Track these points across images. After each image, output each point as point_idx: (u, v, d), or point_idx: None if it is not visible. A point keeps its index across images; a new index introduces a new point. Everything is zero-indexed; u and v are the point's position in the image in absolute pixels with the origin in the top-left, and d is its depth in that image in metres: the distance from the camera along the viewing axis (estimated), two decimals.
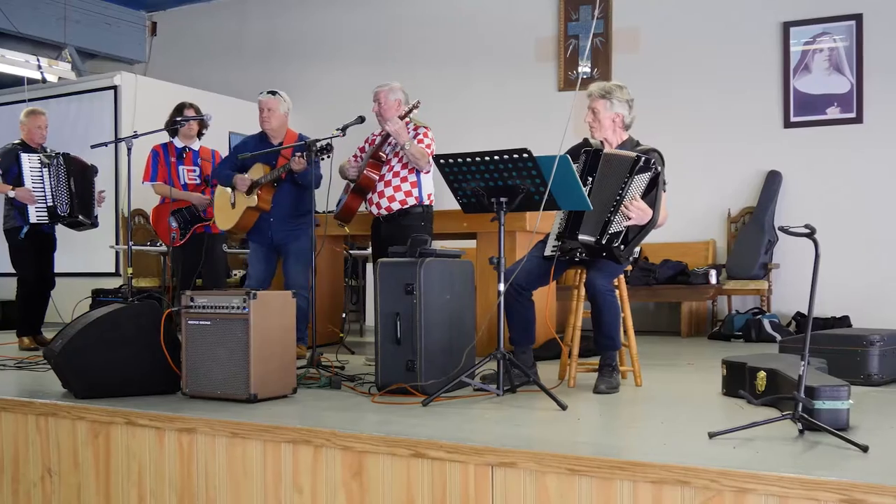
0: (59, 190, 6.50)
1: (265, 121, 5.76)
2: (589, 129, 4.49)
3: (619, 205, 4.14)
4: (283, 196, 5.72)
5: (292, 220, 5.72)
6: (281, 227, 5.73)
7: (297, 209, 5.72)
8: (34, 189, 6.43)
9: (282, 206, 5.72)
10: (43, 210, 6.45)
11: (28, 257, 6.54)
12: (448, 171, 4.00)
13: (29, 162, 6.45)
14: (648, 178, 4.17)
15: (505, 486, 2.87)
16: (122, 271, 8.91)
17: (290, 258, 5.74)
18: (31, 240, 6.51)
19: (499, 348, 3.93)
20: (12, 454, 4.06)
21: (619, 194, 4.15)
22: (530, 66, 9.06)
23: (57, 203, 6.49)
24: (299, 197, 5.71)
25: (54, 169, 6.49)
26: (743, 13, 8.13)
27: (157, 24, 11.47)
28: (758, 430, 3.02)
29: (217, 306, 3.96)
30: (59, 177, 6.50)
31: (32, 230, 6.48)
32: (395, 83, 5.56)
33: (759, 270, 7.71)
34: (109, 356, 4.06)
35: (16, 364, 5.36)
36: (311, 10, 10.37)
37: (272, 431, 3.34)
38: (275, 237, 5.75)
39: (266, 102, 5.76)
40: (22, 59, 8.71)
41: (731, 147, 8.14)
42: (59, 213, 6.49)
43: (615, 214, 4.15)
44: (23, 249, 6.53)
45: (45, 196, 6.47)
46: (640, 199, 4.15)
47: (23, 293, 6.58)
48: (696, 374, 5.07)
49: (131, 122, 8.67)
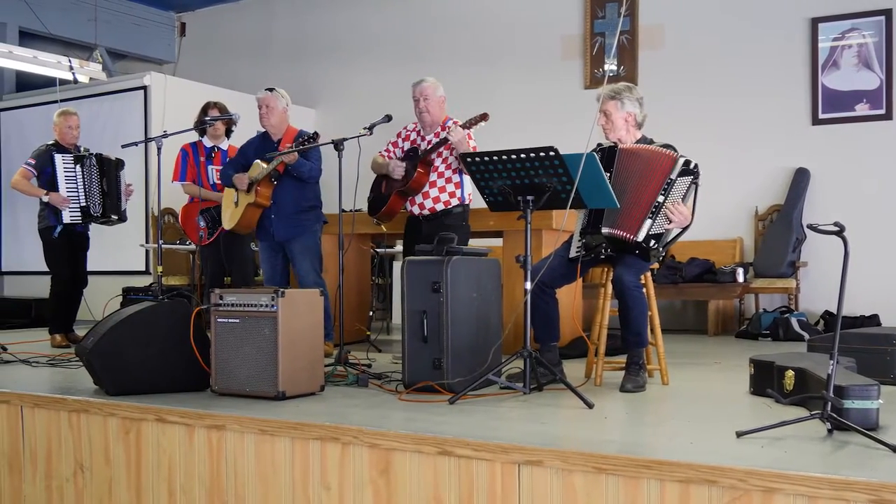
0: (91, 190, 6.57)
1: (264, 117, 5.78)
2: (602, 131, 4.48)
3: (662, 206, 4.15)
4: (283, 192, 5.71)
5: (294, 216, 5.72)
6: (282, 224, 5.72)
7: (298, 205, 5.72)
8: (67, 188, 6.51)
9: (283, 202, 5.71)
10: (76, 210, 6.53)
11: (61, 256, 6.62)
12: (475, 169, 4.02)
13: (63, 162, 6.53)
14: (689, 182, 4.18)
15: (531, 484, 2.88)
16: (152, 269, 9.00)
17: (296, 257, 5.73)
18: (65, 239, 6.59)
19: (525, 346, 3.94)
20: (45, 450, 4.12)
21: (662, 195, 4.15)
22: (556, 64, 9.05)
23: (90, 203, 6.57)
24: (301, 192, 5.71)
25: (87, 169, 6.57)
26: (770, 9, 8.07)
27: (186, 24, 11.56)
28: (786, 429, 3.00)
29: (246, 304, 4.00)
30: (91, 177, 6.58)
31: (65, 230, 6.56)
32: (433, 79, 5.55)
33: (787, 269, 7.65)
34: (140, 353, 4.11)
35: (48, 361, 5.43)
36: (338, 9, 10.42)
37: (300, 429, 3.37)
38: (277, 234, 5.75)
39: (264, 99, 5.79)
40: (54, 60, 8.80)
41: (758, 144, 8.08)
42: (91, 212, 6.58)
43: (657, 215, 4.15)
44: (56, 248, 6.60)
45: (77, 196, 6.54)
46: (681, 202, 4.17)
47: (56, 291, 6.66)
48: (723, 372, 5.05)
49: (161, 121, 8.74)
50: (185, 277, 8.69)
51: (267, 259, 5.85)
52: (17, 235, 10.21)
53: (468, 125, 5.32)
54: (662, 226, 4.19)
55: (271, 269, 5.83)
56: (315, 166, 5.68)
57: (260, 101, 5.80)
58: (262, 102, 5.78)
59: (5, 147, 10.43)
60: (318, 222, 5.82)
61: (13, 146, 10.23)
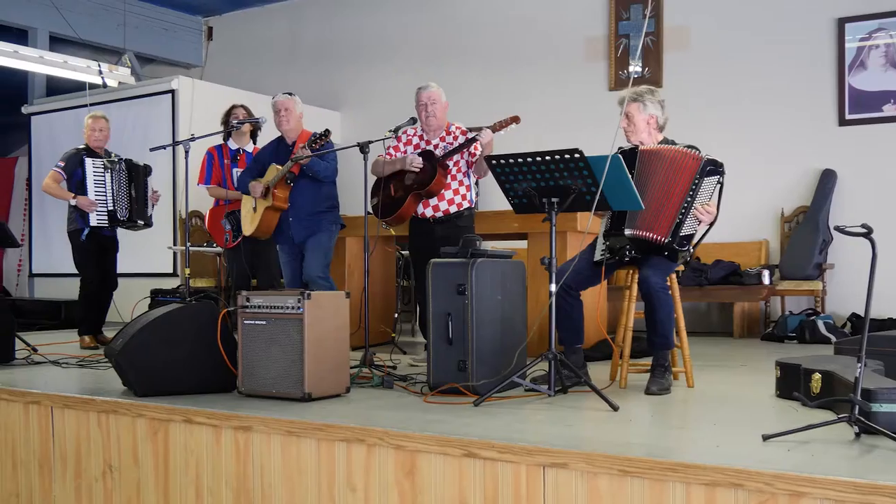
0: (119, 195, 6.63)
1: (283, 121, 5.80)
2: (624, 134, 4.48)
3: (690, 208, 4.15)
4: (299, 193, 5.72)
5: (311, 217, 5.72)
6: (299, 225, 5.74)
7: (315, 205, 5.73)
8: (96, 192, 6.58)
9: (299, 204, 5.73)
10: (103, 214, 6.59)
11: (89, 259, 6.68)
12: (500, 171, 4.03)
13: (93, 166, 6.59)
14: (716, 182, 4.19)
15: (556, 486, 2.88)
16: (179, 272, 9.07)
17: (307, 251, 5.75)
18: (93, 242, 6.65)
19: (550, 348, 3.94)
20: (74, 450, 4.17)
21: (689, 196, 4.15)
22: (580, 66, 9.04)
23: (117, 207, 6.63)
24: (317, 193, 5.72)
25: (116, 174, 6.63)
26: (796, 9, 8.02)
27: (213, 28, 11.66)
28: (813, 432, 2.99)
29: (272, 306, 4.03)
30: (120, 182, 6.64)
31: (93, 232, 6.62)
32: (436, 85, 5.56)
33: (814, 271, 7.59)
34: (168, 355, 4.15)
35: (78, 362, 5.49)
36: (363, 13, 10.47)
37: (326, 430, 3.39)
38: (295, 236, 5.76)
39: (283, 103, 5.81)
40: (83, 64, 8.90)
41: (784, 146, 8.04)
42: (118, 217, 6.63)
43: (686, 216, 4.16)
44: (84, 251, 6.67)
45: (105, 200, 6.61)
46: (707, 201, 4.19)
47: (84, 293, 6.73)
48: (749, 375, 5.02)
49: (188, 125, 8.83)
50: (212, 280, 8.75)
51: (287, 263, 5.88)
52: (46, 238, 10.34)
53: (498, 127, 5.33)
54: (693, 226, 4.20)
55: (292, 273, 5.86)
56: (330, 166, 5.69)
57: (279, 104, 5.82)
58: (281, 106, 5.81)
59: (35, 150, 10.56)
60: (334, 223, 5.82)
61: (43, 150, 10.35)
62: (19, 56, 8.50)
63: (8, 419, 4.42)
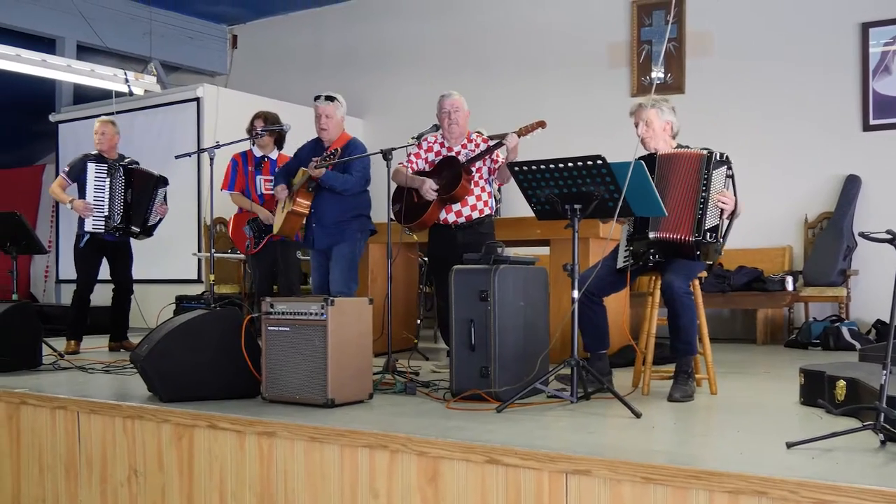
0: (116, 200, 6.62)
1: (323, 129, 5.67)
2: (642, 141, 4.47)
3: (707, 201, 4.17)
4: (324, 201, 5.65)
5: (335, 226, 5.65)
6: (323, 233, 5.67)
7: (340, 214, 5.64)
8: (95, 197, 6.57)
9: (324, 212, 5.66)
10: (100, 220, 6.58)
11: (81, 264, 6.71)
12: (522, 178, 4.03)
13: (95, 171, 6.61)
14: (724, 173, 4.22)
15: (579, 493, 2.88)
16: (204, 278, 9.13)
17: (331, 262, 5.68)
18: (93, 248, 6.66)
19: (572, 355, 3.94)
20: (100, 455, 4.21)
21: (703, 191, 4.17)
22: (603, 72, 9.04)
23: (112, 213, 6.62)
24: (343, 202, 5.62)
25: (115, 180, 6.63)
26: (820, 14, 7.98)
27: (238, 36, 11.75)
28: (837, 440, 2.97)
29: (296, 312, 4.05)
30: (118, 188, 6.63)
31: (93, 239, 6.63)
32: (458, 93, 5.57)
33: (838, 277, 7.54)
34: (193, 361, 4.18)
35: (104, 368, 5.55)
36: (386, 20, 10.51)
37: (349, 436, 3.40)
38: (317, 242, 5.71)
39: (324, 109, 5.66)
40: (110, 73, 8.99)
41: (807, 151, 7.99)
42: (111, 222, 6.61)
43: (706, 209, 4.17)
44: (78, 256, 6.71)
45: (103, 205, 6.60)
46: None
47: (73, 298, 6.77)
48: (773, 382, 4.99)
49: (213, 132, 8.89)
50: (236, 286, 8.81)
51: (315, 267, 5.86)
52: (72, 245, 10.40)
53: (524, 132, 5.34)
54: (716, 217, 4.21)
55: (320, 278, 5.83)
56: (351, 179, 5.56)
57: (320, 110, 5.66)
58: (322, 112, 5.65)
59: (63, 158, 10.63)
60: (361, 232, 5.72)
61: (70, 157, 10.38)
62: (47, 65, 8.61)
63: (35, 424, 4.47)
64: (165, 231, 6.99)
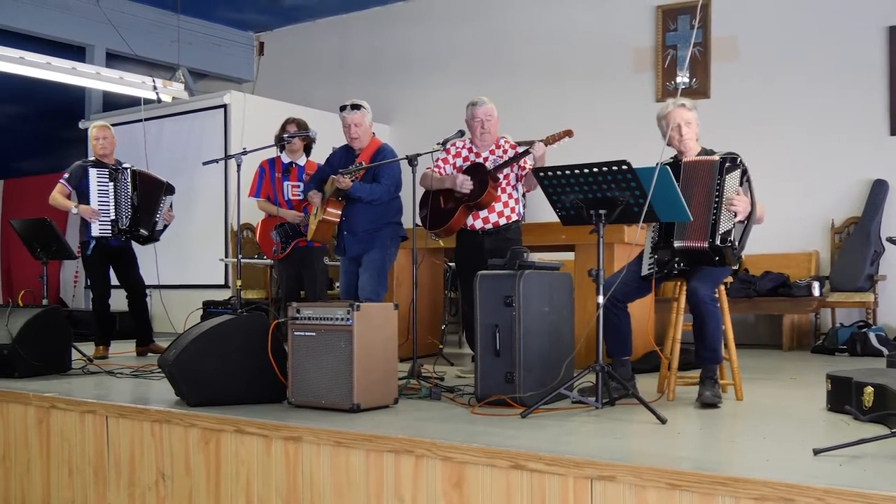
0: (122, 204, 6.64)
1: (355, 138, 5.69)
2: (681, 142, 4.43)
3: (721, 204, 4.15)
4: (355, 210, 5.67)
5: (365, 234, 5.67)
6: (354, 240, 5.71)
7: (370, 222, 5.66)
8: (99, 201, 6.59)
9: (355, 220, 5.68)
10: (107, 223, 6.61)
11: (93, 272, 6.79)
12: (547, 183, 4.04)
13: (97, 176, 6.64)
14: (739, 175, 4.19)
15: (604, 499, 2.88)
16: (230, 283, 9.18)
17: (361, 269, 5.70)
18: (101, 254, 6.71)
19: (597, 360, 3.93)
20: (128, 459, 4.26)
21: (717, 196, 4.16)
22: (628, 77, 9.02)
23: (118, 216, 6.65)
24: (373, 210, 5.64)
25: (119, 183, 6.65)
26: (846, 18, 7.93)
27: (265, 43, 11.84)
28: (865, 447, 2.95)
29: (322, 318, 4.07)
30: (124, 190, 6.66)
31: (99, 245, 6.66)
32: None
33: (865, 282, 7.47)
34: (220, 365, 4.22)
35: (132, 372, 5.60)
36: (411, 26, 10.55)
37: (374, 441, 3.42)
38: (349, 250, 5.74)
39: (353, 118, 5.65)
40: (139, 80, 9.09)
41: (834, 156, 7.93)
42: (119, 226, 6.64)
43: (720, 213, 4.16)
44: (88, 265, 6.79)
45: (108, 209, 6.63)
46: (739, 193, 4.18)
47: (94, 305, 6.82)
48: (799, 388, 4.96)
49: (240, 139, 8.94)
50: (262, 291, 8.86)
51: (345, 272, 5.88)
52: None
53: (551, 141, 5.34)
54: (730, 221, 4.17)
55: (348, 282, 5.85)
56: (379, 188, 5.58)
57: (347, 120, 5.66)
58: (351, 122, 5.66)
59: None
60: (391, 239, 5.74)
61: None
62: (77, 72, 8.72)
63: (64, 427, 4.53)
64: (192, 237, 7.05)
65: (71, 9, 10.00)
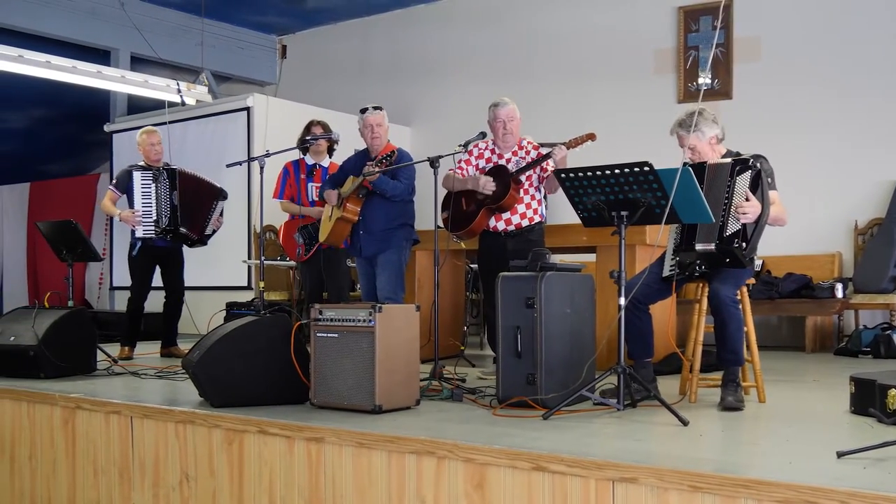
0: (163, 203, 6.70)
1: (376, 137, 5.74)
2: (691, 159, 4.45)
3: (729, 207, 4.15)
4: (372, 209, 5.72)
5: (382, 233, 5.72)
6: (370, 240, 5.74)
7: (387, 222, 5.71)
8: (143, 203, 6.66)
9: (371, 219, 5.73)
10: (150, 224, 6.67)
11: (134, 273, 6.83)
12: (569, 185, 4.04)
13: (141, 178, 6.71)
14: (750, 177, 4.16)
15: (626, 501, 2.88)
16: (254, 285, 9.24)
17: (377, 268, 5.75)
18: (145, 257, 6.77)
19: (619, 362, 3.93)
20: (153, 459, 4.29)
21: (726, 198, 4.15)
22: (649, 78, 8.99)
23: (160, 216, 6.70)
24: (390, 209, 5.70)
25: (160, 183, 6.72)
26: (869, 16, 7.87)
27: (287, 46, 11.90)
28: (889, 450, 2.93)
29: (344, 319, 4.10)
30: (164, 190, 6.71)
31: (145, 247, 6.72)
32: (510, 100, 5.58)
33: (889, 284, 7.40)
34: (243, 367, 4.25)
35: (157, 374, 5.65)
36: (432, 28, 10.57)
37: (396, 442, 3.44)
38: (364, 250, 5.78)
39: (375, 119, 5.73)
40: (163, 83, 9.16)
41: (857, 156, 7.87)
42: (160, 225, 6.68)
43: (727, 217, 4.15)
44: (131, 266, 6.84)
45: (151, 211, 6.69)
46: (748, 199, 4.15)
47: (128, 306, 6.86)
48: (822, 390, 4.94)
49: (263, 141, 9.01)
50: (285, 293, 8.90)
51: (363, 274, 5.93)
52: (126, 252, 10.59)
53: (573, 144, 5.34)
54: (736, 225, 4.16)
55: (367, 284, 5.88)
56: (401, 185, 5.64)
57: (369, 120, 5.73)
58: (373, 122, 5.73)
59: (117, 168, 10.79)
60: (406, 240, 5.79)
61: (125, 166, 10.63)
62: (102, 76, 8.79)
63: (90, 428, 4.57)
64: (216, 238, 7.09)
65: (96, 13, 10.09)
